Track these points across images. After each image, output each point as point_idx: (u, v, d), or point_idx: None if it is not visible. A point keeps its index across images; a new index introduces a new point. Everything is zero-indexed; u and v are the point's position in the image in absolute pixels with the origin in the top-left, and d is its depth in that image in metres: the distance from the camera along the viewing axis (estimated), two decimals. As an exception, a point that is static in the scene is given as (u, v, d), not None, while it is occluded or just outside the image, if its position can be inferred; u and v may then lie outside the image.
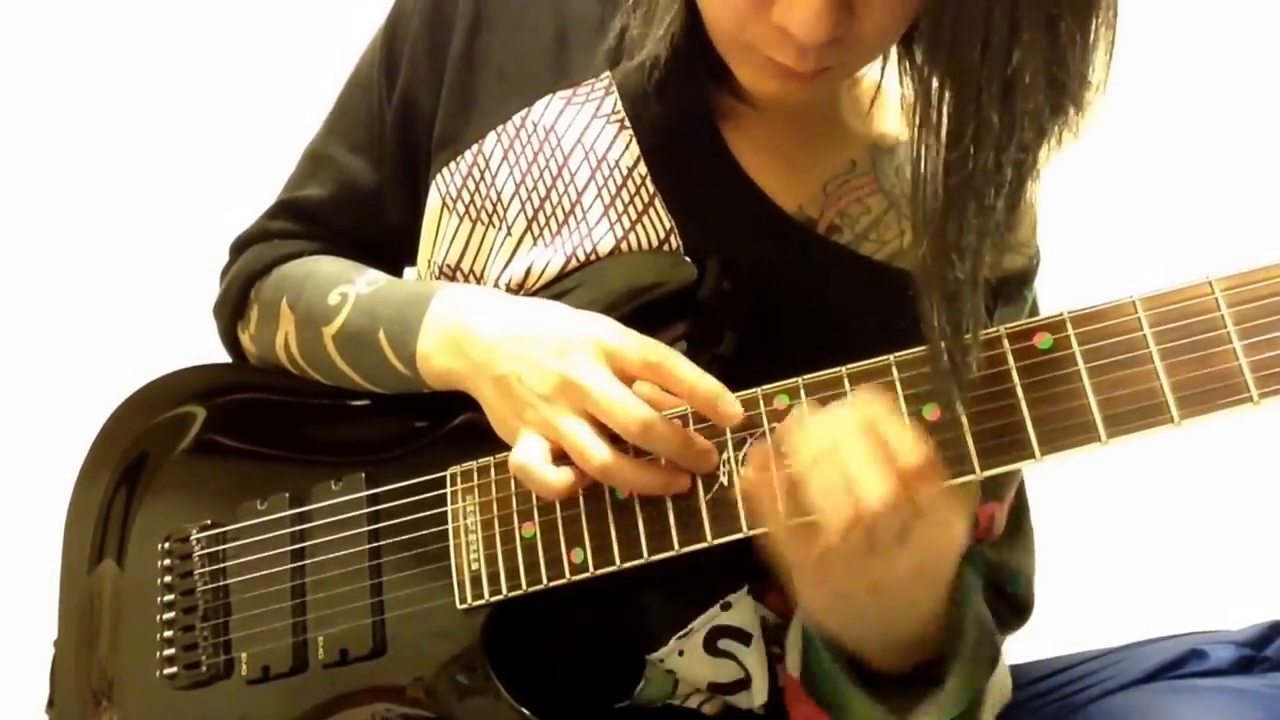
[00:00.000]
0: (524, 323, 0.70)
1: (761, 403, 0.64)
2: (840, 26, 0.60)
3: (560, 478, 0.66)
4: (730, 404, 0.64)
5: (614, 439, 0.66)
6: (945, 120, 0.55)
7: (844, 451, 0.55)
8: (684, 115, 0.75)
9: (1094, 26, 0.55)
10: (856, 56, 0.66)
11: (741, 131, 0.75)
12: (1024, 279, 0.78)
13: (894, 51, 0.67)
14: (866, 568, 0.58)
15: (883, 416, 0.56)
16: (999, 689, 0.72)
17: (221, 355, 0.92)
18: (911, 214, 0.57)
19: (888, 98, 0.75)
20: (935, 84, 0.55)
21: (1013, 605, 0.85)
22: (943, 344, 0.57)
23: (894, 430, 0.56)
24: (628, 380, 0.66)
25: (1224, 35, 1.50)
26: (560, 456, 0.67)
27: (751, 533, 0.64)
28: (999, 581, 0.83)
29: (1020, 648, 0.88)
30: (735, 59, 0.67)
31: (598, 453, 0.65)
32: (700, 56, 0.70)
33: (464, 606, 0.71)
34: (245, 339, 0.89)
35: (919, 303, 0.57)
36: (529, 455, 0.66)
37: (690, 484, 0.65)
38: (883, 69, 0.72)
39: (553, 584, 0.68)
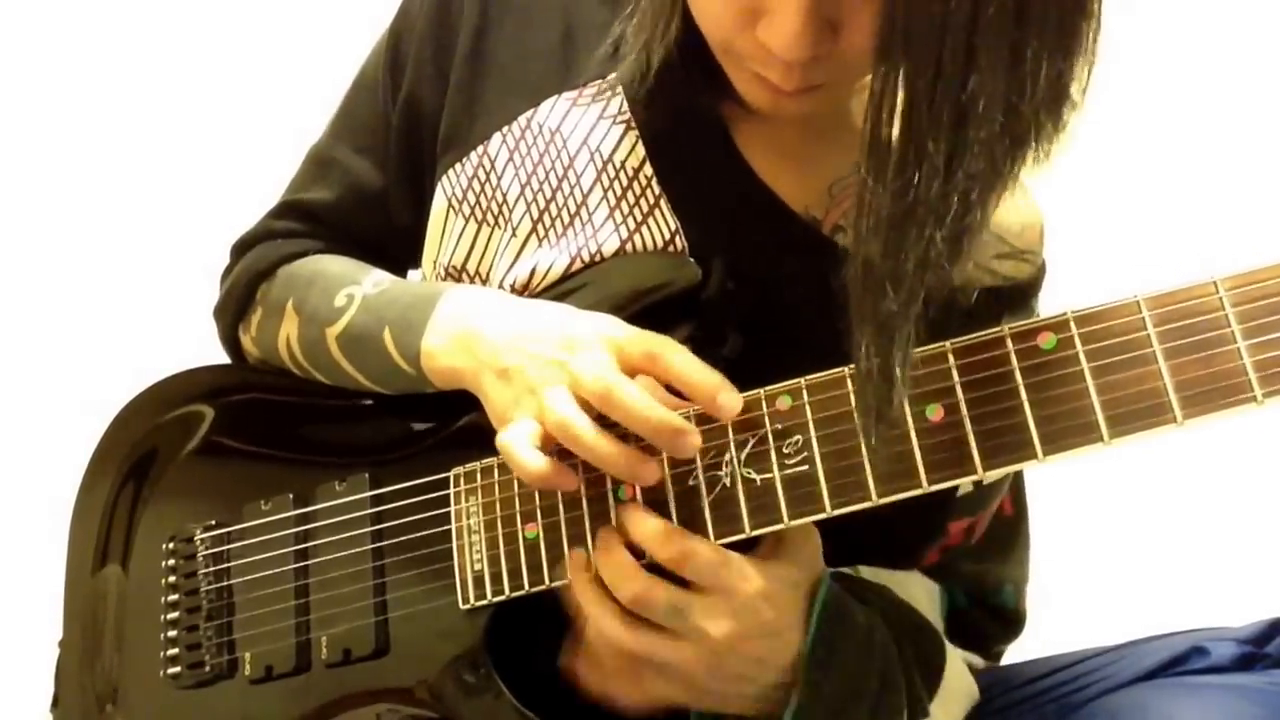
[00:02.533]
0: (531, 321, 0.69)
1: (764, 403, 0.64)
2: (822, 45, 0.59)
3: (537, 461, 0.64)
4: (730, 395, 0.63)
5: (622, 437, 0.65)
6: (893, 147, 0.53)
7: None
8: (690, 116, 0.75)
9: (1072, 48, 0.54)
10: (845, 73, 0.65)
11: (748, 131, 0.75)
12: (1031, 288, 0.78)
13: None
14: (669, 652, 0.63)
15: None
16: (962, 694, 0.73)
17: (219, 357, 0.92)
18: (853, 241, 0.56)
19: None
20: (886, 112, 0.53)
21: (1000, 618, 0.86)
22: (867, 377, 0.56)
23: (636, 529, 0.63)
24: (632, 374, 0.65)
25: (1227, 35, 1.50)
26: (560, 454, 0.66)
27: (754, 533, 0.64)
28: (981, 594, 0.83)
29: (1022, 645, 0.88)
30: (729, 70, 0.68)
31: (561, 409, 0.63)
32: (704, 61, 0.70)
33: (467, 606, 0.71)
34: (247, 340, 0.89)
35: (852, 330, 0.57)
36: (514, 435, 0.65)
37: (656, 478, 0.64)
38: None
39: (555, 585, 0.68)
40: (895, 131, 0.53)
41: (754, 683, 0.65)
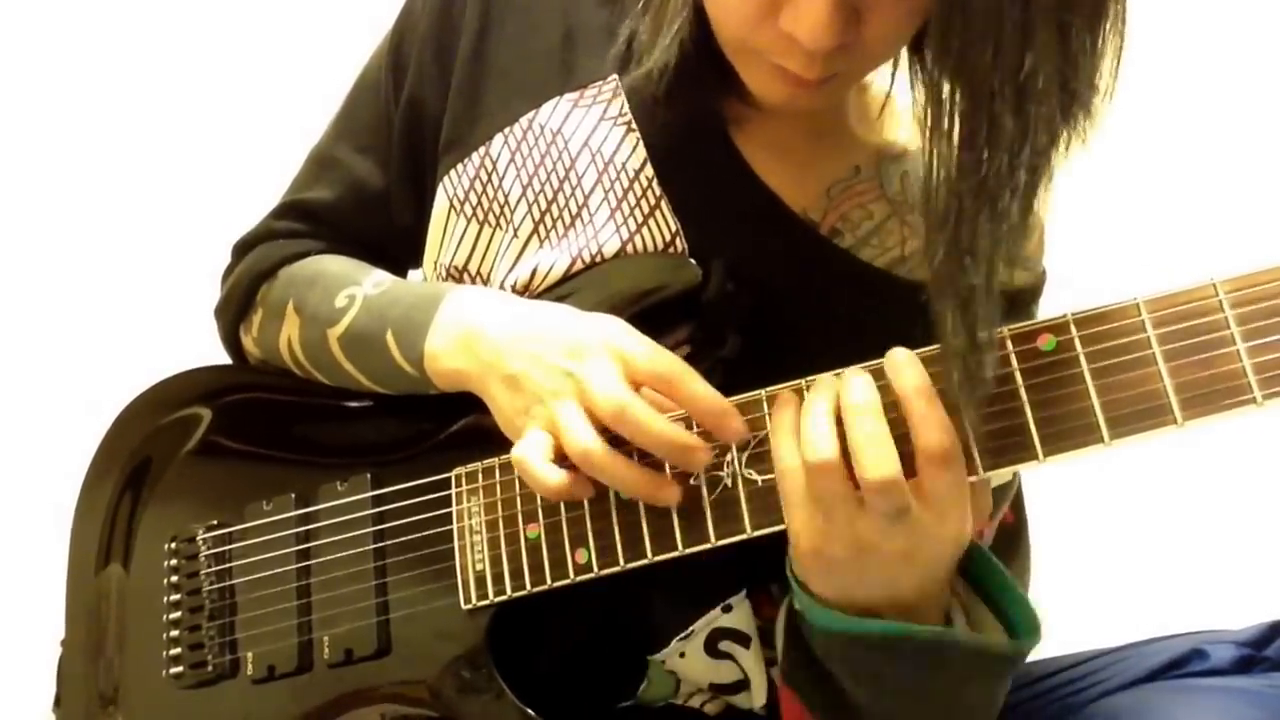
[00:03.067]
0: (535, 323, 0.70)
1: (765, 404, 0.65)
2: (847, 33, 0.60)
3: (555, 475, 0.65)
4: (736, 420, 0.63)
5: (621, 443, 0.65)
6: (958, 124, 0.54)
7: (861, 417, 0.58)
8: (692, 118, 0.75)
9: (1103, 32, 0.55)
10: (863, 63, 0.66)
11: (749, 133, 0.75)
12: (1031, 295, 0.78)
13: (903, 58, 0.68)
14: (857, 532, 0.58)
15: (916, 393, 0.58)
16: None
17: (222, 358, 0.92)
18: (924, 219, 0.57)
19: (896, 106, 0.75)
20: (947, 88, 0.54)
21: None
22: (958, 350, 0.57)
23: (921, 411, 0.57)
24: (636, 386, 0.66)
25: (1227, 35, 1.50)
26: (565, 459, 0.66)
27: (755, 533, 0.64)
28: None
29: (1022, 647, 0.88)
30: (742, 65, 0.68)
31: (581, 437, 0.64)
32: (708, 61, 0.70)
33: (468, 607, 0.71)
34: (248, 341, 0.89)
35: (933, 308, 0.57)
36: (529, 450, 0.66)
37: (678, 498, 0.64)
38: (893, 76, 0.72)
39: (556, 585, 0.69)
40: (961, 110, 0.54)
41: (926, 577, 0.61)
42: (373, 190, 0.86)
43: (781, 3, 0.61)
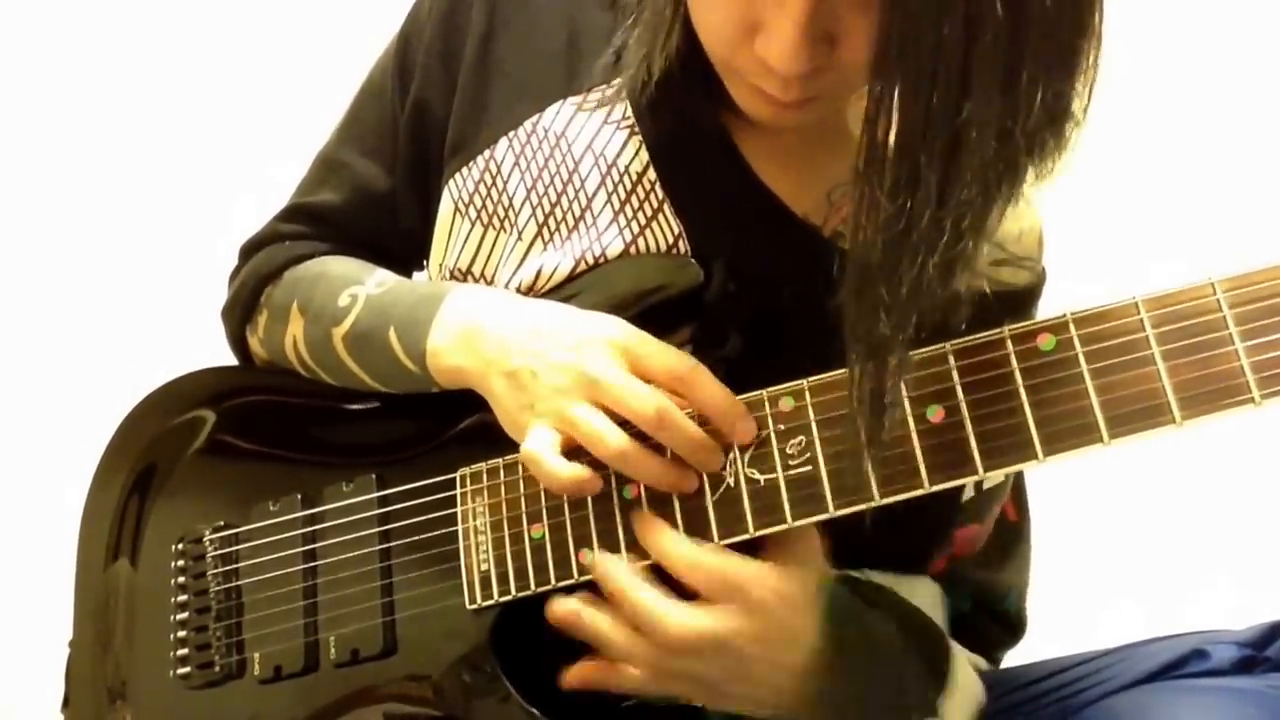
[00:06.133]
0: (537, 321, 0.70)
1: (767, 404, 0.65)
2: (820, 58, 0.60)
3: (569, 470, 0.66)
4: (749, 423, 0.65)
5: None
6: (886, 173, 0.53)
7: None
8: (694, 121, 0.75)
9: (1072, 68, 0.54)
10: (842, 85, 0.66)
11: (750, 138, 0.75)
12: (1030, 296, 0.78)
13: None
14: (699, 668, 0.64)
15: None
16: (969, 697, 0.74)
17: (229, 358, 0.93)
18: (849, 264, 0.56)
19: None
20: (880, 135, 0.53)
21: (1003, 623, 0.86)
22: (861, 402, 0.57)
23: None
24: (643, 380, 0.67)
25: (1226, 36, 1.50)
26: (571, 453, 0.67)
27: (757, 534, 0.64)
28: (986, 600, 0.84)
29: (1022, 647, 0.88)
30: (729, 82, 0.68)
31: (613, 438, 0.65)
32: (705, 70, 0.70)
33: (473, 607, 0.72)
34: (254, 342, 0.89)
35: (846, 353, 0.58)
36: (539, 445, 0.66)
37: (698, 484, 0.65)
38: None
39: (560, 585, 0.69)
40: (889, 157, 0.53)
41: (771, 685, 0.65)
42: (378, 193, 0.87)
43: (756, 27, 0.61)
